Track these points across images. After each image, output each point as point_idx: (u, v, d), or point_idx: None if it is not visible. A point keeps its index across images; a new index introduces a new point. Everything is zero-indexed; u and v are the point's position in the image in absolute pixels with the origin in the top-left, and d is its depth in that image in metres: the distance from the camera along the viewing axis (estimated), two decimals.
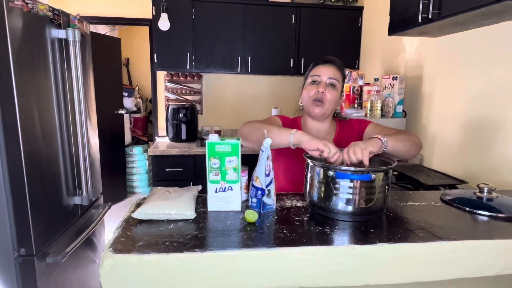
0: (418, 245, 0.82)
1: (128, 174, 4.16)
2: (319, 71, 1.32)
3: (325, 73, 1.31)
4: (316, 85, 1.32)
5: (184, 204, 0.94)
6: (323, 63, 1.33)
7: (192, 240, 0.80)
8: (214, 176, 0.97)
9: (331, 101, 1.31)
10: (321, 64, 1.34)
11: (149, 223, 0.90)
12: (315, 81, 1.33)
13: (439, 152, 2.12)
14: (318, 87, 1.31)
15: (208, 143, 0.96)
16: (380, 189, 0.92)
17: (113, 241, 0.79)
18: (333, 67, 1.32)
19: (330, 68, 1.32)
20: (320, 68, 1.33)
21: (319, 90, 1.30)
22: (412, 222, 0.94)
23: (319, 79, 1.32)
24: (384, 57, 2.79)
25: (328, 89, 1.31)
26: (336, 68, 1.33)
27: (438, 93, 2.15)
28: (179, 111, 3.09)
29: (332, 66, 1.32)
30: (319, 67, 1.33)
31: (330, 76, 1.31)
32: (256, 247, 0.78)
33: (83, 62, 1.83)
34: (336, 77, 1.32)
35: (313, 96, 1.32)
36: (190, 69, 3.03)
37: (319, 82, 1.32)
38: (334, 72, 1.32)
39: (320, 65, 1.33)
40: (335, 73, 1.32)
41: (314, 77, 1.33)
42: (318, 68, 1.33)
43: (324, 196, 0.95)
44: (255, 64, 3.09)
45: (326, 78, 1.31)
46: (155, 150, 2.81)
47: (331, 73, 1.31)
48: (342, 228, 0.90)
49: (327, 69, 1.32)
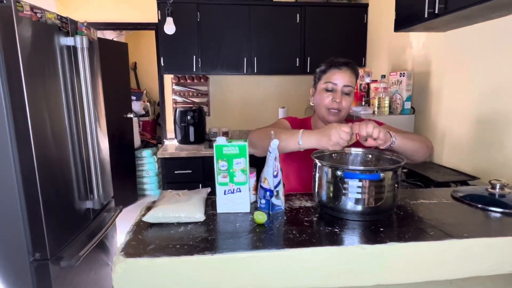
0: (429, 244, 0.81)
1: (138, 177, 4.19)
2: (335, 78, 1.27)
3: (341, 81, 1.26)
4: (332, 94, 1.28)
5: (194, 207, 0.94)
6: (339, 67, 1.27)
7: (202, 242, 0.81)
8: (222, 178, 0.97)
9: (347, 108, 1.29)
10: (336, 68, 1.27)
11: (160, 226, 0.90)
12: (331, 89, 1.28)
13: (449, 148, 2.09)
14: (334, 96, 1.27)
15: (215, 145, 0.96)
16: (389, 187, 0.91)
17: (125, 245, 0.80)
18: (348, 72, 1.27)
19: (346, 73, 1.26)
20: (336, 74, 1.27)
21: (335, 100, 1.26)
22: (423, 221, 0.93)
23: (335, 88, 1.27)
24: (391, 53, 2.77)
25: (344, 97, 1.27)
26: (351, 72, 1.28)
27: (446, 88, 2.11)
28: (187, 114, 3.11)
29: (347, 71, 1.27)
30: (334, 72, 1.27)
31: (346, 84, 1.26)
32: (266, 248, 0.78)
33: (91, 68, 1.85)
34: (351, 83, 1.27)
35: (328, 104, 1.28)
36: (197, 71, 3.04)
37: (335, 91, 1.27)
38: (350, 77, 1.27)
39: (336, 70, 1.27)
40: (351, 78, 1.27)
41: (329, 84, 1.27)
42: (333, 73, 1.27)
43: (333, 196, 0.94)
44: (261, 64, 3.09)
45: (342, 86, 1.26)
46: (164, 153, 2.83)
47: (347, 80, 1.26)
48: (351, 228, 0.89)
49: (343, 75, 1.26)
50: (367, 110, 2.36)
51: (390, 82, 2.44)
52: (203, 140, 3.22)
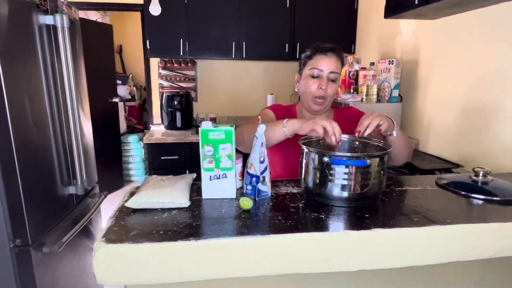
0: (413, 230, 0.81)
1: (124, 163, 4.14)
2: (320, 64, 1.24)
3: (327, 67, 1.24)
4: (317, 80, 1.26)
5: (178, 192, 0.93)
6: (324, 53, 1.25)
7: (187, 228, 0.80)
8: (208, 163, 0.96)
9: (332, 96, 1.28)
10: (322, 54, 1.25)
11: (143, 212, 0.89)
12: (317, 75, 1.26)
13: (435, 137, 2.11)
14: (319, 83, 1.25)
15: (201, 130, 0.94)
16: (375, 174, 0.92)
17: (106, 231, 0.78)
18: (334, 58, 1.25)
19: (331, 59, 1.24)
20: (321, 60, 1.24)
21: (321, 87, 1.24)
22: (408, 207, 0.93)
23: (321, 74, 1.25)
24: (381, 41, 2.76)
25: (330, 84, 1.25)
26: (337, 58, 1.26)
27: (434, 77, 2.12)
28: (174, 99, 3.05)
29: (333, 56, 1.25)
30: (320, 58, 1.25)
31: (332, 70, 1.24)
32: (251, 234, 0.77)
33: (73, 49, 1.78)
34: (337, 69, 1.25)
35: (314, 91, 1.26)
36: (184, 55, 2.97)
37: (321, 77, 1.25)
38: (336, 63, 1.25)
39: (322, 55, 1.25)
40: (337, 65, 1.25)
41: (315, 70, 1.25)
42: (319, 59, 1.25)
43: (319, 182, 0.94)
44: (250, 49, 3.03)
45: (328, 73, 1.24)
46: (150, 139, 2.79)
47: (333, 66, 1.24)
48: (337, 214, 0.89)
49: (329, 61, 1.24)
50: (355, 98, 2.36)
51: (379, 70, 2.44)
52: (190, 126, 3.18)
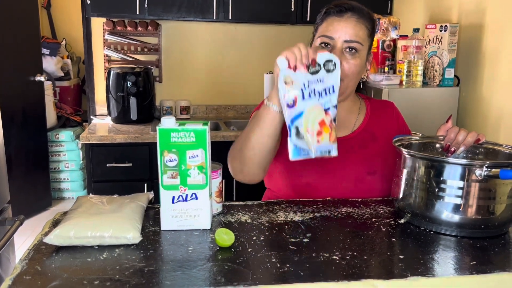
0: None
1: (54, 171, 4.15)
2: (331, 30, 1.25)
3: (341, 33, 1.24)
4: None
5: (125, 222, 0.93)
6: (338, 13, 1.26)
7: (136, 276, 0.80)
8: (169, 179, 0.97)
9: (351, 76, 1.27)
10: (335, 15, 1.26)
11: (72, 250, 0.89)
12: (327, 44, 1.27)
13: (508, 133, 2.13)
14: None
15: (159, 129, 0.95)
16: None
17: (13, 280, 0.77)
18: (353, 21, 1.25)
19: (348, 23, 1.25)
20: (333, 24, 1.26)
21: None
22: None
23: (332, 43, 1.26)
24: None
25: (346, 58, 1.25)
26: (358, 21, 1.26)
27: (507, 50, 2.14)
28: (127, 78, 3.05)
29: (351, 18, 1.25)
30: (332, 20, 1.26)
31: (348, 38, 1.24)
32: (230, 285, 0.77)
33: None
34: (358, 37, 1.26)
35: None
36: (142, 14, 2.98)
37: (334, 48, 1.26)
38: (355, 28, 1.25)
39: (334, 18, 1.26)
40: (357, 30, 1.26)
41: (324, 38, 1.26)
42: (330, 22, 1.26)
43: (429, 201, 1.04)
44: (239, 7, 3.05)
45: (342, 42, 1.25)
46: (91, 136, 2.78)
47: (351, 33, 1.24)
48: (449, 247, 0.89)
49: (344, 25, 1.24)
50: (391, 80, 2.38)
51: (426, 39, 2.45)
52: (150, 118, 3.19)
